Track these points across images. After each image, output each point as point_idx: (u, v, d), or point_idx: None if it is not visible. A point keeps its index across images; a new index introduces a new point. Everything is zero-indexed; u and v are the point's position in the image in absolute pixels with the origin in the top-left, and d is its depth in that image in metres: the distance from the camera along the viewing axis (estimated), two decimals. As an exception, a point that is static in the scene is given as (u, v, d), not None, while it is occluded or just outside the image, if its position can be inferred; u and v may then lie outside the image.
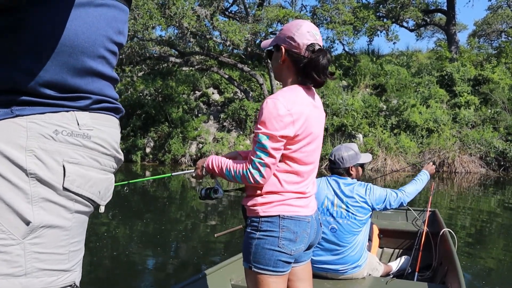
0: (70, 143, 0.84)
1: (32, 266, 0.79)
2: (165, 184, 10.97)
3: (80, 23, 0.84)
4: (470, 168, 13.53)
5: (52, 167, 0.81)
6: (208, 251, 4.63)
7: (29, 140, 0.80)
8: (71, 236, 0.86)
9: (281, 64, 1.59)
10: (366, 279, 2.73)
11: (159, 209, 7.39)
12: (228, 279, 2.62)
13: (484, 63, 16.80)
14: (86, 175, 0.87)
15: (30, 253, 0.79)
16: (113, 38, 0.93)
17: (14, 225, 0.78)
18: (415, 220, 3.95)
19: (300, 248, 1.56)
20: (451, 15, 18.25)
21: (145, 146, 15.54)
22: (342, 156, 2.74)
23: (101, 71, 0.91)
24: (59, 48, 0.82)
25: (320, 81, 1.55)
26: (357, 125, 14.61)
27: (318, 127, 1.60)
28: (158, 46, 14.20)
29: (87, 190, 0.87)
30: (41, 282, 0.80)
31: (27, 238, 0.79)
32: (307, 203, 1.60)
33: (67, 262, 0.86)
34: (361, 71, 16.91)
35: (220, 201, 8.00)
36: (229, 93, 17.02)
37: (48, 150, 0.81)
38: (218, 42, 13.12)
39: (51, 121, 0.83)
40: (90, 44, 0.87)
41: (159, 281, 3.68)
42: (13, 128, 0.79)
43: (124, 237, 5.26)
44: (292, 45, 1.55)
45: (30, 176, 0.79)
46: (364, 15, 16.55)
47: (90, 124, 0.88)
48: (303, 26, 1.55)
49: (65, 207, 0.83)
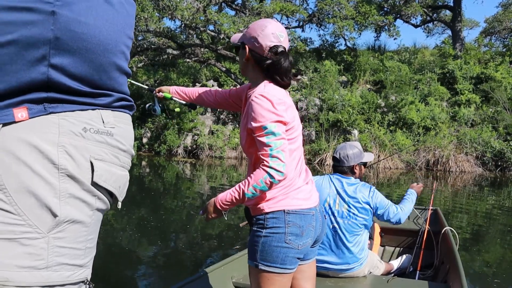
0: (97, 141, 0.88)
1: (53, 259, 0.81)
2: (160, 176, 11.15)
3: (103, 20, 0.88)
4: (465, 167, 13.33)
5: (81, 163, 0.84)
6: (208, 245, 4.63)
7: (61, 136, 0.82)
8: (89, 232, 0.89)
9: (246, 62, 1.61)
10: (367, 277, 2.72)
11: (155, 201, 7.42)
12: (230, 277, 2.61)
13: (489, 62, 16.45)
14: (110, 170, 0.90)
15: (53, 247, 0.81)
16: (129, 33, 0.96)
17: (41, 218, 0.80)
18: (417, 218, 3.89)
19: (307, 242, 1.57)
20: (457, 12, 17.89)
21: (142, 136, 15.75)
22: (347, 154, 2.69)
23: (121, 67, 0.94)
24: (86, 46, 0.85)
25: (283, 83, 1.57)
26: (352, 121, 14.51)
27: (297, 113, 1.64)
28: (157, 37, 14.32)
29: (111, 184, 0.91)
30: (59, 276, 0.83)
31: (52, 232, 0.81)
32: (308, 195, 1.60)
33: (83, 258, 0.88)
34: (361, 66, 16.75)
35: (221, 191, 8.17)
36: (229, 86, 17.08)
37: (78, 146, 0.84)
38: (212, 34, 13.16)
39: (80, 119, 0.86)
40: (113, 41, 0.90)
41: (159, 277, 3.67)
42: (46, 124, 0.82)
43: (121, 232, 5.19)
44: (256, 46, 1.55)
45: (60, 172, 0.82)
46: (366, 10, 16.35)
47: (113, 122, 0.92)
48: (268, 27, 1.55)
49: (88, 203, 0.87)
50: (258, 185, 1.45)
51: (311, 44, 19.18)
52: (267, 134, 1.45)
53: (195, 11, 11.54)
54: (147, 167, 13.07)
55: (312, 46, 19.12)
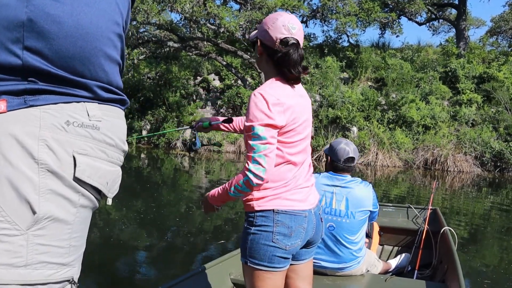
0: (80, 135, 0.84)
1: (33, 257, 0.78)
2: (159, 169, 11.20)
3: (82, 4, 0.84)
4: (463, 167, 13.26)
5: (63, 157, 0.81)
6: (206, 241, 4.62)
7: (42, 130, 0.79)
8: (73, 230, 0.85)
9: (260, 56, 1.60)
10: (365, 276, 2.71)
11: (152, 195, 7.38)
12: (228, 274, 2.61)
13: (493, 61, 16.30)
14: (95, 165, 0.87)
15: (33, 244, 0.78)
16: (117, 19, 0.92)
17: (20, 215, 0.77)
18: (416, 218, 3.89)
19: (296, 243, 1.54)
20: (461, 10, 17.71)
21: (142, 128, 15.82)
22: (356, 151, 2.65)
23: (109, 55, 0.91)
24: (64, 29, 0.81)
25: (292, 76, 1.53)
26: (352, 118, 14.46)
27: (306, 115, 1.59)
28: (158, 30, 14.33)
29: (96, 180, 0.87)
30: (40, 275, 0.80)
31: (31, 229, 0.78)
32: (304, 197, 1.57)
33: (67, 257, 0.85)
34: (363, 63, 16.66)
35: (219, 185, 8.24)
36: (230, 80, 17.07)
37: (60, 140, 0.81)
38: (212, 28, 13.15)
39: (63, 112, 0.82)
40: (95, 26, 0.86)
41: (157, 273, 3.64)
42: (27, 117, 0.79)
43: (118, 226, 5.14)
44: (266, 39, 1.54)
45: (40, 166, 0.78)
46: (369, 7, 16.24)
47: (99, 115, 0.88)
48: (279, 19, 1.53)
49: (70, 200, 0.83)
50: (238, 185, 1.47)
51: (315, 39, 19.12)
52: (253, 136, 1.43)
53: (195, 3, 11.52)
54: (146, 159, 13.15)
55: (315, 42, 19.06)
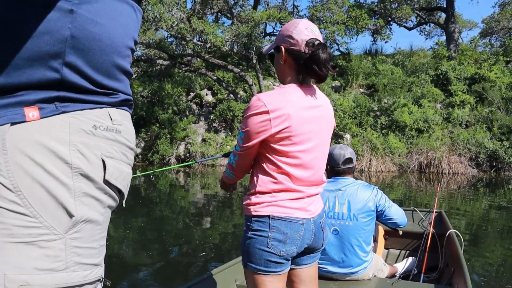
0: (107, 138, 0.87)
1: (71, 260, 0.80)
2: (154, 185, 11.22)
3: (117, 23, 0.88)
4: (458, 169, 13.15)
5: (93, 161, 0.83)
6: (211, 250, 4.63)
7: (72, 135, 0.81)
8: (102, 230, 0.88)
9: (283, 64, 1.58)
10: (372, 280, 2.69)
11: (152, 209, 7.44)
12: (234, 280, 2.60)
13: (484, 62, 16.30)
14: (119, 168, 0.90)
15: (71, 247, 0.80)
16: (136, 37, 0.97)
17: (57, 219, 0.79)
18: (421, 221, 3.85)
19: (292, 250, 1.53)
20: (450, 13, 17.80)
21: (136, 146, 15.88)
22: (352, 153, 2.64)
23: (127, 69, 0.95)
24: (100, 46, 0.85)
25: (322, 74, 1.52)
26: (344, 125, 14.45)
27: (315, 126, 1.56)
28: (147, 49, 14.50)
29: (120, 182, 0.90)
30: (78, 276, 0.82)
31: (69, 232, 0.80)
32: (303, 205, 1.56)
33: (98, 256, 0.87)
34: (354, 71, 16.72)
35: (216, 199, 8.47)
36: (222, 94, 17.17)
37: (89, 144, 0.83)
38: (199, 44, 13.28)
39: (90, 117, 0.85)
40: (122, 44, 0.90)
41: (163, 282, 3.66)
42: (57, 123, 0.81)
43: (121, 236, 5.18)
44: (292, 43, 1.54)
45: (74, 171, 0.81)
46: (356, 14, 16.36)
47: (120, 120, 0.91)
48: (300, 24, 1.56)
49: (100, 201, 0.86)
50: (228, 168, 1.68)
51: (305, 50, 19.17)
52: (239, 135, 1.55)
53: (179, 21, 11.66)
54: (141, 177, 13.17)
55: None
